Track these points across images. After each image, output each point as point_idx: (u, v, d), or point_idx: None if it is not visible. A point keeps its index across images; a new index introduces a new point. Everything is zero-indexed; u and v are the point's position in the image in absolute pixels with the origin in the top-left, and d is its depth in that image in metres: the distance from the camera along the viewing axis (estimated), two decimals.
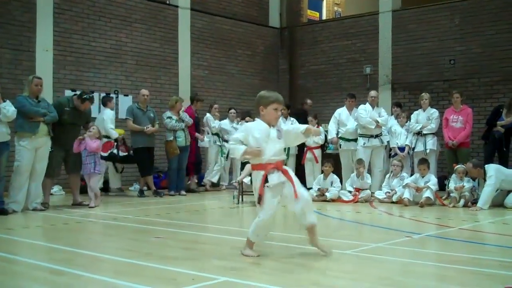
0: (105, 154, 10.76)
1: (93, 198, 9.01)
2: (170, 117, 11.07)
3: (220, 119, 12.72)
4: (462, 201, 9.10)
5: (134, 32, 13.25)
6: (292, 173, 4.78)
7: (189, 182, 12.12)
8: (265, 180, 4.64)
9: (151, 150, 11.03)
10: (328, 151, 12.13)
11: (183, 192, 11.21)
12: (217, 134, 12.53)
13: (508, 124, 10.35)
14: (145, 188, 11.08)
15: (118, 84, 12.91)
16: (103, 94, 12.43)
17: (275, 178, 4.66)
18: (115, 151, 10.94)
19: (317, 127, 10.63)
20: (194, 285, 3.80)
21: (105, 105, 11.29)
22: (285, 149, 5.11)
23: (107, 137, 10.76)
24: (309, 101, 13.66)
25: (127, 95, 12.90)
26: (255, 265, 4.50)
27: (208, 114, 12.62)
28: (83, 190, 9.54)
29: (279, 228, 6.37)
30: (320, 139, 11.46)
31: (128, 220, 7.51)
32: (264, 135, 4.70)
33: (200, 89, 14.39)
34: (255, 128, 4.77)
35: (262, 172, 4.66)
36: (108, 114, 11.02)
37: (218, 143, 12.51)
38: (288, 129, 4.94)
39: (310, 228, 4.73)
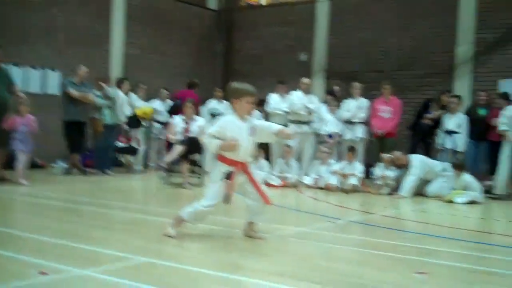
0: None
1: (21, 175, 8.74)
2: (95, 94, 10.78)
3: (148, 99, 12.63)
4: (386, 189, 9.34)
5: (66, 7, 12.84)
6: (256, 176, 4.83)
7: None
8: (227, 175, 4.63)
9: (83, 125, 10.67)
10: None
11: (108, 171, 10.95)
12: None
13: (435, 118, 10.74)
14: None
15: (49, 59, 12.50)
16: (31, 69, 12.04)
17: (238, 177, 4.69)
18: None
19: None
20: (115, 265, 3.75)
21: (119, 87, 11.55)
22: None
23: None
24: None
25: (53, 70, 12.49)
26: (177, 246, 4.48)
27: (132, 94, 12.37)
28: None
29: None
30: None
31: (52, 199, 7.31)
32: (237, 131, 4.68)
33: (133, 68, 14.13)
34: (230, 122, 4.74)
35: (225, 166, 4.65)
36: (122, 98, 11.27)
37: (145, 124, 12.39)
38: (262, 125, 4.90)
39: (255, 224, 4.92)
